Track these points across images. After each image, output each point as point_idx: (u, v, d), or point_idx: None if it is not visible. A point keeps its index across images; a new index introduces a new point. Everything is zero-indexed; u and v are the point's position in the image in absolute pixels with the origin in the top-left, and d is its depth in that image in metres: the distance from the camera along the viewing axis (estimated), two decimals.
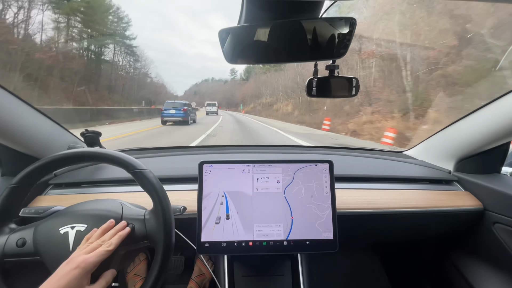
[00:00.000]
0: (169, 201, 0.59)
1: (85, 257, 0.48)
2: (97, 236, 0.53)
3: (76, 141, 1.02)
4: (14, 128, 0.76)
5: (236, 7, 0.56)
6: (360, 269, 1.35)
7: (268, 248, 0.72)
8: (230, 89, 57.73)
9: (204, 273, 1.11)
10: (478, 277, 0.91)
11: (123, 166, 0.59)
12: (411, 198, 0.91)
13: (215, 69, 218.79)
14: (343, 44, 0.56)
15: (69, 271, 0.46)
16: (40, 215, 0.63)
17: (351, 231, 0.86)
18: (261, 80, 39.99)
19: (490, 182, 0.89)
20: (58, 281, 0.44)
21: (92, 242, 0.52)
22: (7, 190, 0.57)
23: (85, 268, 0.47)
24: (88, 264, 0.47)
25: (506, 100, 0.78)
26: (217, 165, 0.75)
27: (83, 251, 0.50)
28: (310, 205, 0.74)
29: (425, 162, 1.15)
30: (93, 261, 0.48)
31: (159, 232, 0.56)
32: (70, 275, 0.45)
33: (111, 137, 7.49)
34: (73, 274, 0.45)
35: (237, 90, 52.66)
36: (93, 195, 0.87)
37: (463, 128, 0.95)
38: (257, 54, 0.60)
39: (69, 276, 0.45)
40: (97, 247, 0.51)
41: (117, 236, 0.53)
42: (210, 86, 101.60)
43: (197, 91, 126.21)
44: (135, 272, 1.12)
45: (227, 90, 64.72)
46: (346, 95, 0.72)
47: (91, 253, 0.49)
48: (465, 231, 0.96)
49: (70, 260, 0.48)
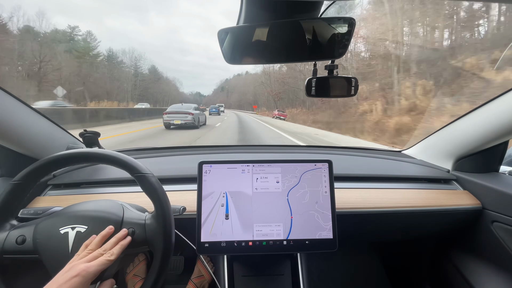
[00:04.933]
0: (170, 206, 0.59)
1: (87, 265, 0.47)
2: (96, 243, 0.53)
3: (74, 141, 1.02)
4: (13, 129, 0.76)
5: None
6: (359, 268, 1.36)
7: (267, 248, 0.72)
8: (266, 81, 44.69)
9: (203, 275, 1.11)
10: (476, 276, 0.91)
11: (126, 168, 0.59)
12: (409, 197, 0.92)
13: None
14: (342, 44, 0.56)
15: (69, 279, 0.45)
16: (39, 216, 0.63)
17: (351, 230, 0.86)
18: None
19: (489, 181, 0.89)
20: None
21: (91, 249, 0.51)
22: (9, 186, 0.57)
23: (86, 276, 0.46)
24: (89, 273, 0.47)
25: (504, 99, 0.79)
26: (217, 165, 0.75)
27: (84, 259, 0.49)
28: (309, 205, 0.74)
29: (424, 161, 1.15)
30: (94, 270, 0.48)
31: (158, 237, 0.56)
32: (70, 282, 0.45)
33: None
34: (74, 282, 0.45)
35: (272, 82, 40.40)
36: (92, 196, 0.86)
37: (461, 127, 0.96)
38: (256, 54, 0.60)
39: (69, 284, 0.44)
40: (98, 256, 0.50)
41: (119, 246, 0.53)
42: (241, 80, 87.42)
43: (225, 86, 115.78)
44: (135, 273, 1.11)
45: (259, 83, 51.09)
46: (345, 95, 0.72)
47: (92, 261, 0.49)
48: (463, 230, 0.97)
49: (71, 268, 0.47)
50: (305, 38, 0.55)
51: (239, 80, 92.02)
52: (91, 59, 39.47)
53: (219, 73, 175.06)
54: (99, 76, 39.22)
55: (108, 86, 39.98)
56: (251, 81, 66.22)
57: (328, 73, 0.68)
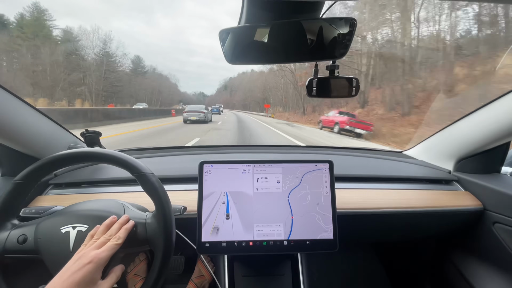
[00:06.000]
0: (171, 205, 0.59)
1: (97, 252, 0.48)
2: (101, 232, 0.54)
3: (76, 141, 1.02)
4: (15, 128, 0.76)
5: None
6: (360, 269, 1.35)
7: (268, 248, 0.72)
8: (271, 79, 39.79)
9: (204, 275, 1.11)
10: (478, 277, 0.91)
11: (127, 168, 0.59)
12: (411, 198, 0.91)
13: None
14: (343, 45, 0.56)
15: (82, 266, 0.45)
16: (41, 215, 0.63)
17: (351, 231, 0.86)
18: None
19: (490, 182, 0.89)
20: (72, 276, 0.44)
21: (98, 238, 0.52)
22: (11, 185, 0.57)
23: (98, 262, 0.47)
24: (101, 258, 0.47)
25: (506, 100, 0.78)
26: (217, 165, 0.75)
27: (92, 247, 0.50)
28: (311, 206, 0.74)
29: (425, 162, 1.15)
30: (105, 255, 0.48)
31: (159, 237, 0.56)
32: (84, 269, 0.45)
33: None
34: (87, 269, 0.45)
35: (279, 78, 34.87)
36: (94, 195, 0.87)
37: (463, 128, 0.95)
38: (258, 54, 0.60)
39: (83, 271, 0.45)
40: (105, 241, 0.51)
41: (123, 229, 0.54)
42: (246, 77, 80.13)
43: (228, 85, 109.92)
44: (135, 272, 1.12)
45: (264, 81, 45.99)
46: (346, 95, 0.72)
47: (101, 247, 0.49)
48: (465, 231, 0.96)
49: (81, 256, 0.48)
50: (306, 38, 0.55)
51: (243, 77, 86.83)
52: (42, 40, 31.04)
53: (224, 74, 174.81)
54: (50, 63, 29.68)
55: (58, 76, 30.19)
56: (257, 77, 59.11)
57: (329, 74, 0.68)
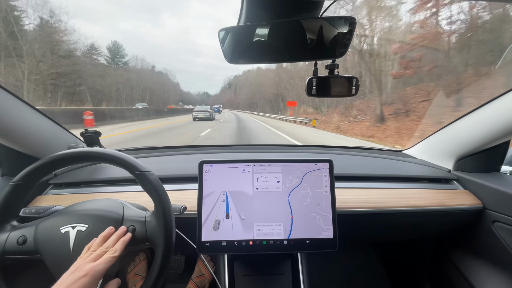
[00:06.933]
0: (170, 203, 0.59)
1: (93, 265, 0.47)
2: (98, 244, 0.53)
3: (76, 141, 1.02)
4: (14, 128, 0.76)
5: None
6: (360, 268, 1.35)
7: (268, 247, 0.72)
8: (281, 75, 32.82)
9: (204, 274, 1.11)
10: (477, 276, 0.91)
11: (125, 167, 0.59)
12: (410, 197, 0.91)
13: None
14: (343, 44, 0.56)
15: (77, 279, 0.44)
16: (40, 215, 0.63)
17: (351, 230, 0.86)
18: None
19: (490, 181, 0.89)
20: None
21: (94, 250, 0.51)
22: (9, 187, 0.57)
23: (94, 275, 0.46)
24: (97, 271, 0.47)
25: (505, 99, 0.78)
26: (217, 165, 0.75)
27: (89, 259, 0.49)
28: (311, 207, 0.74)
29: (425, 161, 1.15)
30: (101, 268, 0.47)
31: (159, 234, 0.56)
32: (79, 283, 0.44)
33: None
34: (82, 282, 0.44)
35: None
36: (94, 195, 0.87)
37: (462, 127, 0.95)
38: (257, 54, 0.60)
39: (78, 284, 0.44)
40: (101, 254, 0.50)
41: (120, 242, 0.53)
42: (252, 75, 72.31)
43: (233, 83, 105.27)
44: (136, 272, 1.12)
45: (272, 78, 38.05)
46: (346, 95, 0.71)
47: (97, 260, 0.49)
48: (464, 230, 0.96)
49: (77, 269, 0.47)
50: (306, 37, 0.55)
51: (249, 75, 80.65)
52: None
53: (228, 73, 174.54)
54: None
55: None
56: (265, 72, 49.54)
57: (329, 73, 0.68)
